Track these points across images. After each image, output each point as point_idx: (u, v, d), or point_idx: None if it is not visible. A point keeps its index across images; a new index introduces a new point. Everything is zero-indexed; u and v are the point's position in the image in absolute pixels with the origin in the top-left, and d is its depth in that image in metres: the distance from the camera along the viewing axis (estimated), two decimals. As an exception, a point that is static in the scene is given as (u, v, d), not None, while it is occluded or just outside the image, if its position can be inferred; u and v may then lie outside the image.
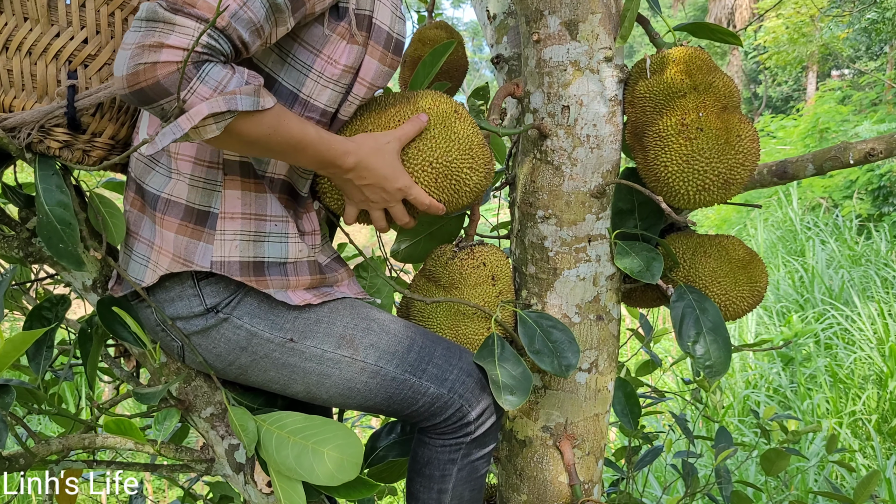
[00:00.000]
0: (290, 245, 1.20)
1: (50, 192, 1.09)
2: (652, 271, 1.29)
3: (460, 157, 1.21)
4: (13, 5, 1.05)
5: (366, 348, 1.21)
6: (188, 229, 1.15)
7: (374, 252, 2.01)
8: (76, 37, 1.09)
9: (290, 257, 1.20)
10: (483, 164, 1.24)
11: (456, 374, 1.25)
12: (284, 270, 1.19)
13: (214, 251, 1.14)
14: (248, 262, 1.16)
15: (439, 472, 1.28)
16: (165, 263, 1.15)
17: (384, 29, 1.18)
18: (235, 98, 0.94)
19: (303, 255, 1.21)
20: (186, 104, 0.93)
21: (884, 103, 10.26)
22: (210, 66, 0.94)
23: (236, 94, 0.95)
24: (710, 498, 2.10)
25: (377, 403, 1.24)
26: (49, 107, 1.08)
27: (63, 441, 1.26)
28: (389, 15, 1.19)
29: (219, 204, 1.14)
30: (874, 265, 5.73)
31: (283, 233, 1.19)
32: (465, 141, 1.22)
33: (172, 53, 0.92)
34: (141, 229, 1.19)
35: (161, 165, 1.17)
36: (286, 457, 1.16)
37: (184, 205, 1.14)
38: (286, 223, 1.20)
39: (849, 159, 1.36)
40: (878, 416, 3.85)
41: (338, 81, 1.17)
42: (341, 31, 1.14)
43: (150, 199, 1.18)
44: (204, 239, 1.14)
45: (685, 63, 1.27)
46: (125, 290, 1.21)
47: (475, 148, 1.23)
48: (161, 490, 3.99)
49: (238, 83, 0.96)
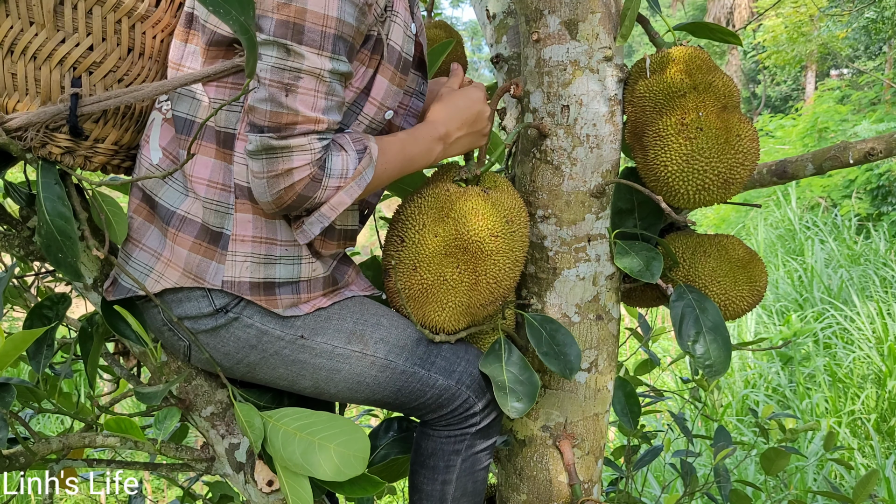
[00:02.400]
0: (302, 266, 1.20)
1: (52, 201, 1.08)
2: (651, 271, 1.29)
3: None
4: (19, 9, 1.04)
5: (375, 343, 1.23)
6: (202, 248, 1.16)
7: (373, 252, 2.01)
8: (82, 43, 1.08)
9: (302, 277, 1.20)
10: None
11: (463, 366, 1.27)
12: (297, 289, 1.20)
13: (226, 271, 1.15)
14: (259, 282, 1.17)
15: (444, 464, 1.29)
16: (174, 277, 1.16)
17: (396, 49, 1.19)
18: (363, 176, 1.11)
19: (317, 274, 1.22)
20: (326, 198, 1.10)
21: (883, 103, 10.26)
22: (329, 160, 1.08)
23: (362, 174, 1.11)
24: (709, 497, 2.10)
25: (385, 397, 1.26)
26: (56, 107, 1.07)
27: (63, 439, 1.26)
28: (402, 35, 1.20)
29: (231, 226, 1.15)
30: (873, 264, 5.73)
31: (296, 255, 1.19)
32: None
33: (301, 171, 1.06)
34: (145, 238, 1.19)
35: (176, 182, 1.18)
36: (293, 453, 1.17)
37: (200, 224, 1.16)
38: (297, 246, 1.19)
39: (848, 159, 1.36)
40: (876, 415, 3.86)
41: (352, 104, 1.18)
42: (361, 57, 1.15)
43: (162, 212, 1.18)
44: (216, 259, 1.16)
45: (685, 63, 1.28)
46: (118, 294, 1.21)
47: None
48: (160, 490, 3.99)
49: (355, 161, 1.10)
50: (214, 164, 1.15)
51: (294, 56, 1.03)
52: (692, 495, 1.95)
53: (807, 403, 4.08)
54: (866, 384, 4.09)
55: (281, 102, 1.03)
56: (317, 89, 1.05)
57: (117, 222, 1.19)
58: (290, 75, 1.03)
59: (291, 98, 1.03)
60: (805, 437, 3.62)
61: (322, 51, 1.04)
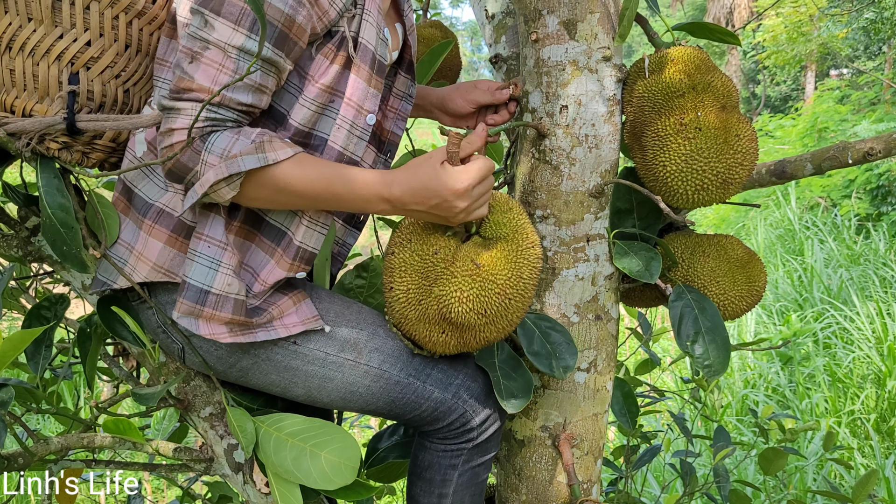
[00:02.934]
0: (218, 274, 1.11)
1: (51, 194, 1.10)
2: (651, 271, 1.29)
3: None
4: (17, 5, 1.05)
5: (370, 352, 1.20)
6: (178, 242, 1.16)
7: (373, 252, 2.01)
8: (79, 39, 1.09)
9: (214, 288, 1.11)
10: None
11: (461, 380, 1.24)
12: (202, 298, 1.11)
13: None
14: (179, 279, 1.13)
15: (440, 477, 1.27)
16: (144, 271, 1.16)
17: (370, 49, 1.16)
18: (237, 161, 1.02)
19: (230, 291, 1.12)
20: (203, 174, 1.03)
21: (882, 103, 10.26)
22: (216, 135, 1.04)
23: (237, 157, 1.02)
24: (708, 497, 2.10)
25: (379, 407, 1.24)
26: (51, 119, 1.08)
27: (62, 440, 1.26)
28: (374, 36, 1.17)
29: (196, 219, 1.15)
30: (873, 264, 5.74)
31: (215, 259, 1.12)
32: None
33: (179, 134, 1.03)
34: (121, 231, 1.20)
35: (157, 176, 1.18)
36: (284, 459, 1.16)
37: (177, 219, 1.15)
38: (222, 249, 1.12)
39: (847, 159, 1.36)
40: (876, 415, 3.86)
41: (314, 100, 1.13)
42: (325, 51, 1.13)
43: (139, 204, 1.18)
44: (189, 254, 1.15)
45: (684, 63, 1.28)
46: (95, 287, 1.21)
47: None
48: (160, 490, 3.99)
49: (242, 146, 1.03)
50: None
51: (208, 27, 1.03)
52: (692, 495, 1.95)
53: (806, 403, 4.08)
54: (866, 384, 4.09)
55: (183, 68, 1.04)
56: (222, 63, 1.04)
57: (109, 225, 1.19)
58: (200, 44, 1.04)
59: (194, 66, 1.04)
60: (805, 437, 3.62)
61: (238, 26, 1.04)
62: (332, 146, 1.16)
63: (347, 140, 1.17)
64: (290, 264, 1.17)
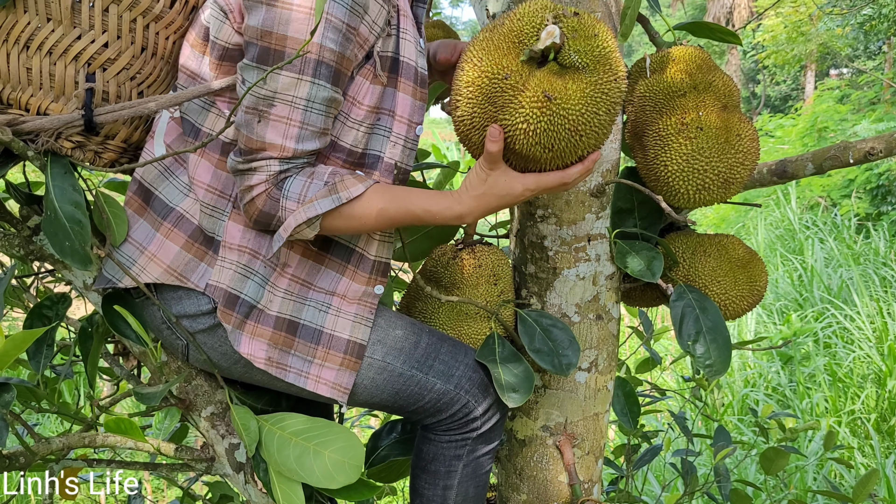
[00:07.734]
0: (265, 291, 1.17)
1: (64, 190, 1.11)
2: (652, 270, 1.29)
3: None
4: (37, 5, 1.07)
5: (373, 344, 1.22)
6: (194, 247, 1.17)
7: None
8: (97, 40, 1.11)
9: (259, 303, 1.17)
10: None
11: (462, 371, 1.25)
12: (249, 313, 1.17)
13: (213, 275, 1.16)
14: (231, 293, 1.16)
15: (445, 469, 1.29)
16: (156, 273, 1.17)
17: (412, 65, 1.19)
18: (314, 204, 1.08)
19: (271, 310, 1.18)
20: (284, 219, 1.10)
21: (882, 102, 10.25)
22: (289, 181, 1.10)
23: (314, 202, 1.08)
24: (709, 496, 2.10)
25: (383, 400, 1.25)
26: (68, 116, 1.10)
27: (63, 440, 1.26)
28: (414, 51, 1.19)
29: (222, 232, 1.16)
30: (873, 264, 5.74)
31: (267, 277, 1.18)
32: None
33: (257, 189, 1.09)
34: (132, 230, 1.20)
35: (178, 179, 1.19)
36: (287, 457, 1.17)
37: (195, 225, 1.17)
38: (272, 270, 1.18)
39: (848, 158, 1.36)
40: (876, 414, 3.86)
41: (362, 122, 1.16)
42: (365, 73, 1.15)
43: (158, 206, 1.19)
44: (206, 260, 1.17)
45: (685, 62, 1.28)
46: (99, 284, 1.22)
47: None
48: (160, 490, 3.99)
49: (315, 189, 1.09)
50: (215, 172, 1.17)
51: (271, 81, 1.06)
52: (692, 495, 1.95)
53: (807, 403, 4.08)
54: (866, 384, 4.09)
55: (252, 128, 1.08)
56: (290, 117, 1.07)
57: (117, 224, 1.19)
58: (265, 102, 1.07)
59: (262, 125, 1.08)
60: (805, 437, 3.62)
61: (302, 75, 1.06)
62: (388, 161, 1.20)
63: (402, 154, 1.21)
64: (368, 278, 1.23)
